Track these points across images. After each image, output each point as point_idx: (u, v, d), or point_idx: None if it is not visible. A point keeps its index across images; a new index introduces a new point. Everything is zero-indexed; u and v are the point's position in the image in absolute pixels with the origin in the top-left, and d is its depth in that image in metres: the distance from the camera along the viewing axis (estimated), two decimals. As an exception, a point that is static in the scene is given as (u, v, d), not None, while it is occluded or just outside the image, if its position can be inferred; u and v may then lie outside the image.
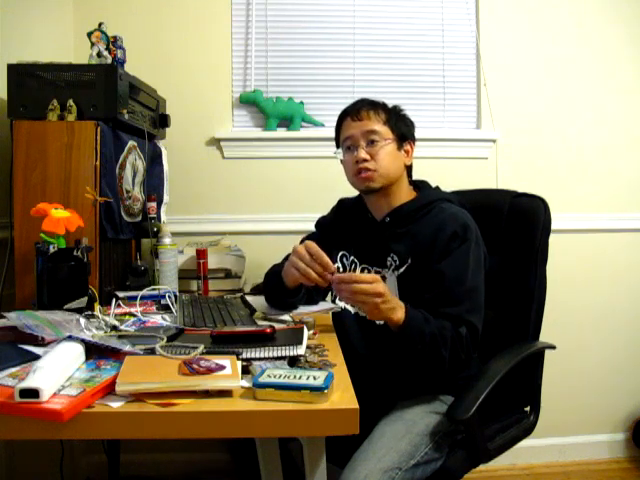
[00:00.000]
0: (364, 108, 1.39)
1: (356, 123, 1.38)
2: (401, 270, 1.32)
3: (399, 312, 1.19)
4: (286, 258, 1.50)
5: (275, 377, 0.85)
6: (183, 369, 0.87)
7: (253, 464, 1.10)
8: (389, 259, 1.35)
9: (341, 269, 1.45)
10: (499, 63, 2.11)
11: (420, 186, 1.45)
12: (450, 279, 1.24)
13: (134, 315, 1.27)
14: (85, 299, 1.25)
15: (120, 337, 1.07)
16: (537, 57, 2.12)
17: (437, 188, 1.46)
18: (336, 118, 1.46)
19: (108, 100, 1.43)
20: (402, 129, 1.41)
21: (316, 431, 0.85)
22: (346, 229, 1.47)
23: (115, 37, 1.55)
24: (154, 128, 1.78)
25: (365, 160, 1.35)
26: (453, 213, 1.33)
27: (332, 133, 1.48)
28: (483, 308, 1.28)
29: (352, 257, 1.43)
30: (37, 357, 0.93)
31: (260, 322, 1.23)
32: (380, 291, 1.15)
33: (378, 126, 1.37)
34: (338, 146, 1.46)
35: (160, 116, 1.83)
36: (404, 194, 1.41)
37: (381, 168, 1.35)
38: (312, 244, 1.26)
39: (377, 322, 1.35)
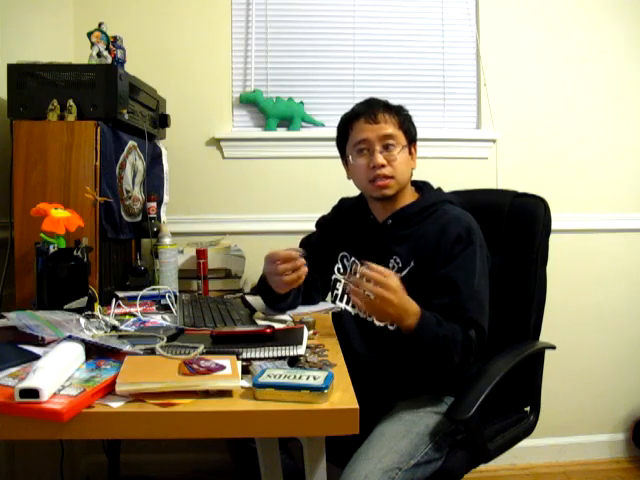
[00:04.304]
0: (380, 111, 1.35)
1: (372, 126, 1.34)
2: (403, 273, 1.32)
3: (411, 319, 1.17)
4: None
5: (275, 377, 0.85)
6: (183, 369, 0.87)
7: (253, 464, 1.10)
8: (391, 261, 1.34)
9: (341, 270, 1.45)
10: (499, 63, 2.11)
11: (422, 187, 1.45)
12: (459, 285, 1.23)
13: (134, 315, 1.27)
14: (85, 299, 1.25)
15: (120, 337, 1.07)
16: (537, 57, 2.12)
17: (439, 189, 1.45)
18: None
19: (108, 100, 1.43)
20: (412, 132, 1.40)
21: (316, 431, 0.85)
22: (347, 230, 1.47)
23: (115, 37, 1.55)
24: (154, 128, 1.78)
25: (382, 166, 1.32)
26: (456, 215, 1.32)
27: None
28: (488, 310, 1.28)
29: (353, 258, 1.43)
30: (37, 357, 0.93)
31: (260, 322, 1.23)
32: (390, 284, 1.13)
33: (394, 130, 1.34)
34: (342, 146, 1.43)
35: (160, 116, 1.83)
36: (408, 196, 1.40)
37: (397, 175, 1.34)
38: (270, 255, 1.28)
39: (377, 323, 1.35)
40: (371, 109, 1.36)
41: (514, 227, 1.49)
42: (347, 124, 1.40)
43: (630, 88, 2.14)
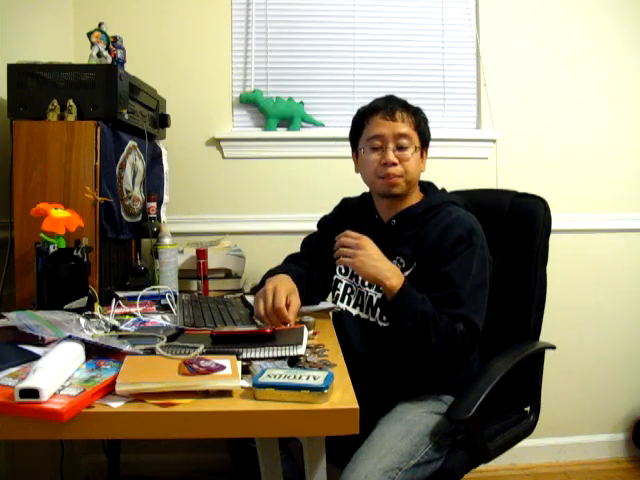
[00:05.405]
0: (399, 109, 1.36)
1: (389, 123, 1.35)
2: (406, 273, 1.32)
3: (394, 280, 1.21)
4: (286, 261, 1.50)
5: (275, 377, 0.85)
6: (183, 369, 0.87)
7: (253, 464, 1.10)
8: (395, 262, 1.34)
9: (343, 270, 1.44)
10: (499, 63, 2.11)
11: (427, 188, 1.45)
12: (454, 283, 1.24)
13: (134, 315, 1.27)
14: (85, 299, 1.25)
15: (120, 337, 1.07)
16: (537, 57, 2.12)
17: (443, 190, 1.45)
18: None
19: (108, 100, 1.43)
20: (426, 135, 1.40)
21: (316, 431, 0.85)
22: (350, 229, 1.46)
23: (115, 37, 1.55)
24: (154, 128, 1.78)
25: (394, 164, 1.33)
26: (459, 217, 1.32)
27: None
28: (485, 309, 1.27)
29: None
30: (37, 357, 0.93)
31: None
32: (362, 244, 1.23)
33: (410, 131, 1.35)
34: (355, 138, 1.43)
35: (160, 116, 1.83)
36: (413, 197, 1.41)
37: (407, 175, 1.34)
38: (280, 292, 1.19)
39: (380, 324, 1.35)
40: (390, 106, 1.36)
41: (514, 227, 1.50)
42: (363, 117, 1.40)
43: (630, 88, 2.14)
